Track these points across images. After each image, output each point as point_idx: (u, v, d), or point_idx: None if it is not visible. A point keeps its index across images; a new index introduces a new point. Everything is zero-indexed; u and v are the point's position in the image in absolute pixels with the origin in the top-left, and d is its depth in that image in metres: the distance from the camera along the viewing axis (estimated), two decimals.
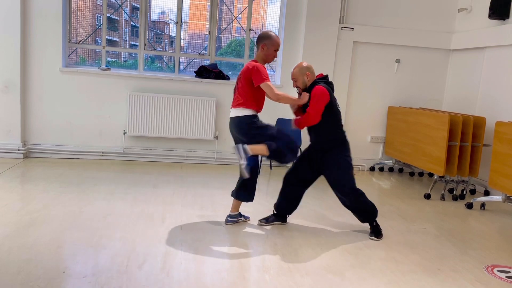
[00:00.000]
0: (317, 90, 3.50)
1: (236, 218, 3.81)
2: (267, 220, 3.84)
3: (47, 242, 3.11)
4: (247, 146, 3.42)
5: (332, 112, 3.57)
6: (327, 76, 3.69)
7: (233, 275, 2.86)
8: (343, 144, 3.65)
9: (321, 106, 3.48)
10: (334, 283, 2.85)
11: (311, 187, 3.84)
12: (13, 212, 3.66)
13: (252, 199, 3.75)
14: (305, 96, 3.56)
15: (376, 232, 3.70)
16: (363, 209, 3.69)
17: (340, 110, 3.67)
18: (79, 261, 2.86)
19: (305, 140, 4.06)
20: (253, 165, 3.57)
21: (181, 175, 5.40)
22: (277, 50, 3.62)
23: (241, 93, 3.54)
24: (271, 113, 5.54)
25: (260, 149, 3.47)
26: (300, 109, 3.71)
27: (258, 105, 3.58)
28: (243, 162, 3.41)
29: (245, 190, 3.69)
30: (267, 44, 3.56)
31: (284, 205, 3.84)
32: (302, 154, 3.80)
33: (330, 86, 3.62)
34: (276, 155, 3.55)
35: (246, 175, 3.47)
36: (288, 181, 3.79)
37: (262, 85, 3.43)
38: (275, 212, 3.87)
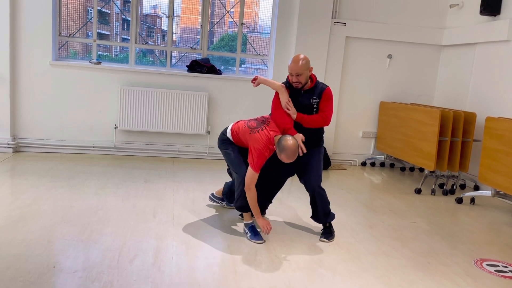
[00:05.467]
0: (330, 92, 3.46)
1: (218, 201, 4.01)
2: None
3: (37, 237, 3.09)
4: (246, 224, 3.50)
5: None
6: None
7: (224, 269, 2.86)
8: (322, 143, 3.61)
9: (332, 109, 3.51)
10: (325, 277, 2.87)
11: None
12: (2, 207, 3.63)
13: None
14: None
15: (328, 233, 3.54)
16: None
17: None
18: (70, 256, 2.85)
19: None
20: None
21: (172, 170, 5.38)
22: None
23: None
24: (260, 111, 5.53)
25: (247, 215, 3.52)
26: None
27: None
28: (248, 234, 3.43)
29: (232, 196, 3.73)
30: None
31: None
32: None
33: None
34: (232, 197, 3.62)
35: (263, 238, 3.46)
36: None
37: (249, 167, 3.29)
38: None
